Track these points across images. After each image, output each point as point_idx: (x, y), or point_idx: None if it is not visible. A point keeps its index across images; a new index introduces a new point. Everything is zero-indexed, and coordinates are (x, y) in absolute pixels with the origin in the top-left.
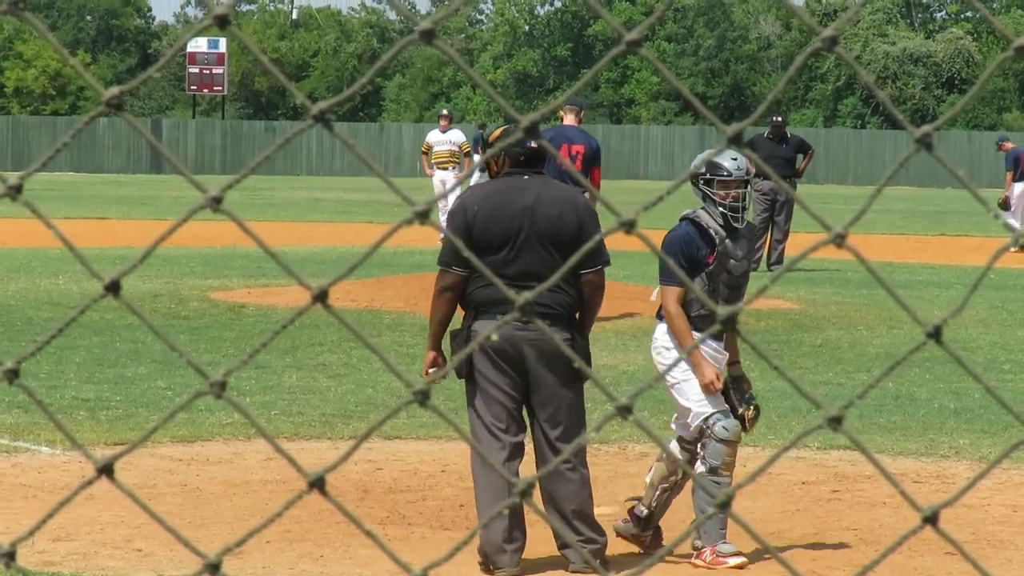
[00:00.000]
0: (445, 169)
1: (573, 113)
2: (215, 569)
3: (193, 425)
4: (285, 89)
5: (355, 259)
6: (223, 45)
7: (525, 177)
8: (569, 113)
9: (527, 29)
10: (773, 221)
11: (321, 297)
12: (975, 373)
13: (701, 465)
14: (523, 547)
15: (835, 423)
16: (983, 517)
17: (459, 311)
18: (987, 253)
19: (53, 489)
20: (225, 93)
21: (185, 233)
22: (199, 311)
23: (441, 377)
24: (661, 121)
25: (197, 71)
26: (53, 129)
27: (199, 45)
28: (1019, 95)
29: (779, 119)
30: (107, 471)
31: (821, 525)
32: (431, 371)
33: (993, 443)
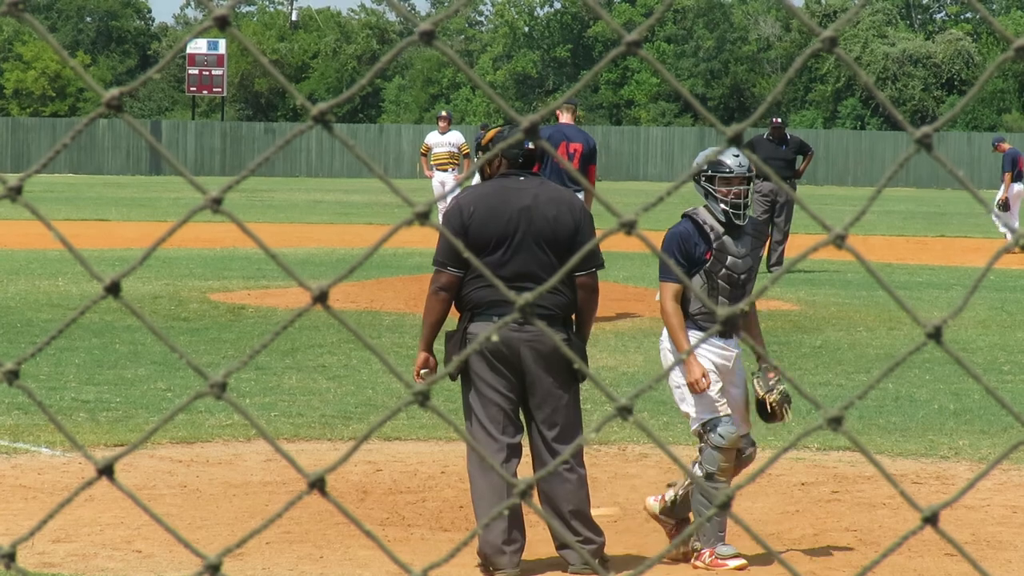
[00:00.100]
0: (444, 170)
1: (569, 111)
2: (215, 570)
3: (193, 426)
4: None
5: (355, 260)
6: (223, 47)
7: (521, 178)
8: (565, 112)
9: (527, 30)
10: (773, 222)
11: (321, 298)
12: (975, 374)
13: (698, 470)
14: (522, 548)
15: (835, 424)
16: (983, 518)
17: (452, 313)
18: (987, 254)
19: (53, 490)
20: (225, 94)
21: (185, 235)
22: (199, 312)
23: (435, 381)
24: (661, 122)
25: (197, 72)
26: (52, 131)
27: (199, 47)
28: (1019, 96)
29: (779, 120)
30: (107, 472)
31: (821, 526)
32: (422, 372)
33: (993, 444)
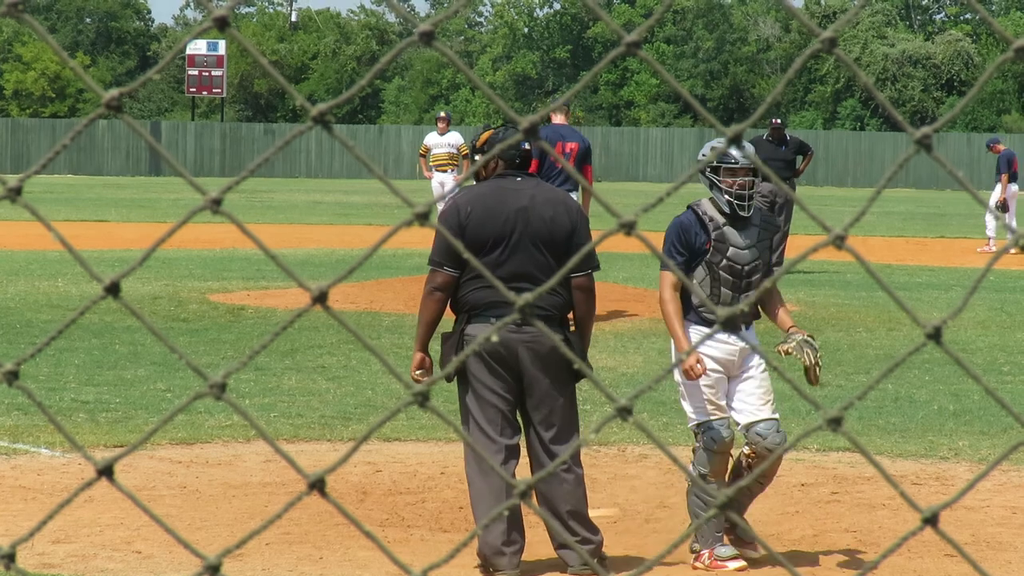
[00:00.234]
0: (444, 171)
1: (563, 112)
2: (215, 571)
3: (192, 427)
4: (284, 91)
5: (354, 261)
6: (222, 47)
7: (518, 179)
8: (559, 112)
9: (526, 31)
10: None
11: (320, 299)
12: (974, 375)
13: (691, 469)
14: (522, 549)
15: (835, 424)
16: (982, 519)
17: (447, 314)
18: (986, 255)
19: (52, 491)
20: (224, 95)
21: (185, 235)
22: (198, 313)
23: (434, 382)
24: (660, 123)
25: (196, 73)
26: (52, 131)
27: (198, 47)
28: (1018, 97)
29: (778, 121)
30: (107, 473)
31: (821, 527)
32: (417, 372)
33: (992, 445)
